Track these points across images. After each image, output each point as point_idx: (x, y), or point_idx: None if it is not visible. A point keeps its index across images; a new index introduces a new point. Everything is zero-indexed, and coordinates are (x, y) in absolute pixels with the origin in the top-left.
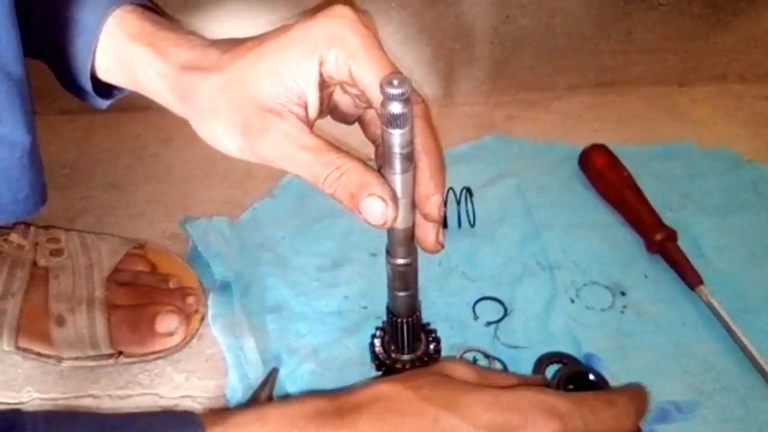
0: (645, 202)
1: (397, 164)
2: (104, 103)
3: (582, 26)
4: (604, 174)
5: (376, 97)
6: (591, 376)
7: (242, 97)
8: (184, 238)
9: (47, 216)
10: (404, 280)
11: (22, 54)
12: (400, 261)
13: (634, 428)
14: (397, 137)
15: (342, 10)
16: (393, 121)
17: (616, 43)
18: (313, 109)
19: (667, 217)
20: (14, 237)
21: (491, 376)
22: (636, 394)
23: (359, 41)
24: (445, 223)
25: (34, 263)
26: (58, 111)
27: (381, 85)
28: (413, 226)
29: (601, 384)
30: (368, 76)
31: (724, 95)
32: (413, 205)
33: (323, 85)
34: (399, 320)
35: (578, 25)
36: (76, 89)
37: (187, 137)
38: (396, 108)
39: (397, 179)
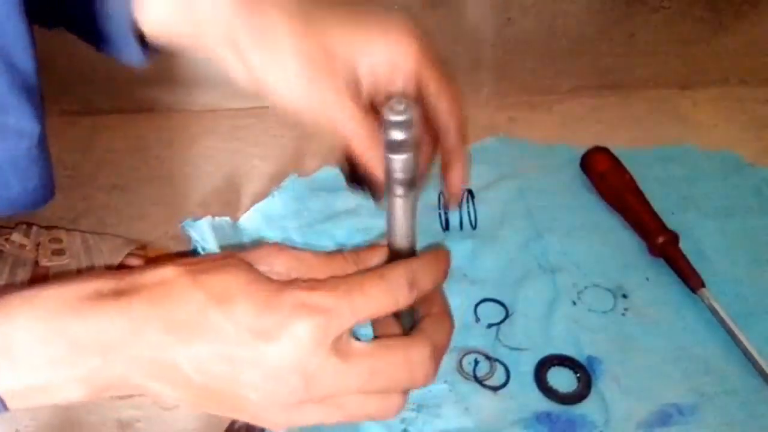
0: (647, 204)
1: (398, 188)
2: (144, 58)
3: (584, 29)
4: (605, 177)
5: (443, 120)
6: None
7: (316, 39)
8: (186, 239)
9: (49, 216)
10: None
11: (32, 46)
12: None
13: (409, 299)
14: (398, 163)
15: (407, 25)
16: (394, 147)
17: (617, 45)
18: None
19: (669, 220)
20: (16, 237)
21: (318, 264)
22: (418, 261)
23: (435, 63)
24: (446, 225)
25: (36, 263)
26: (61, 112)
27: (383, 110)
28: (414, 247)
29: None
30: (438, 99)
31: (726, 98)
32: (414, 230)
33: (374, 79)
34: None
35: (580, 27)
36: (113, 42)
37: (189, 139)
38: (397, 135)
39: (397, 202)
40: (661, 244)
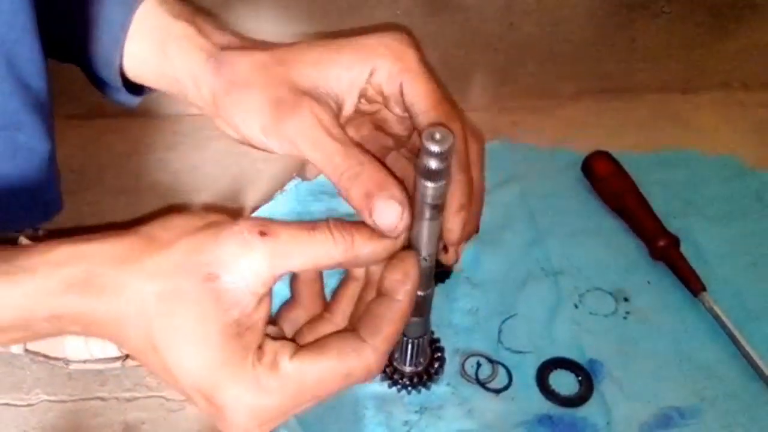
0: (648, 208)
1: (426, 212)
2: (134, 100)
3: (585, 34)
4: (607, 181)
5: (421, 114)
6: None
7: (281, 77)
8: None
9: (56, 220)
10: (419, 308)
11: (45, 66)
12: (419, 293)
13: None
14: (430, 190)
15: (399, 31)
16: (429, 175)
17: (619, 50)
18: (345, 115)
19: (670, 224)
20: (23, 241)
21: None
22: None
23: (416, 58)
24: None
25: None
26: (66, 116)
27: (422, 138)
28: (434, 264)
29: None
30: (418, 95)
31: (728, 103)
32: (437, 247)
33: (363, 96)
34: (407, 339)
35: (582, 32)
36: (105, 86)
37: (195, 142)
38: (433, 164)
39: (425, 225)
40: (663, 247)
